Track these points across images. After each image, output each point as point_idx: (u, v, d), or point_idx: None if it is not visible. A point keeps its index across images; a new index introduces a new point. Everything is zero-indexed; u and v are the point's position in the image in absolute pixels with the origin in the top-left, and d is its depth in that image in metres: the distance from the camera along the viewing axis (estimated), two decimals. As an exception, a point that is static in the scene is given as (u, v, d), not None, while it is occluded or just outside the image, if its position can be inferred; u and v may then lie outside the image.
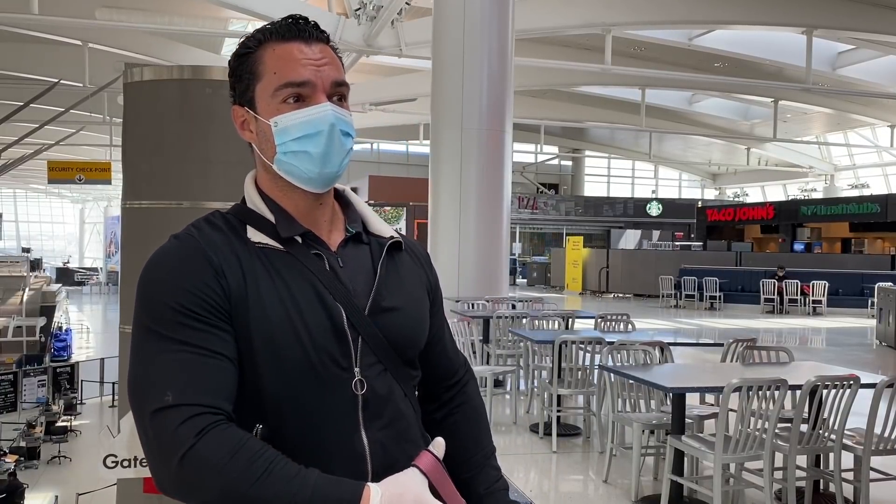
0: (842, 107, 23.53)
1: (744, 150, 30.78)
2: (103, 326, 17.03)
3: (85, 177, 18.81)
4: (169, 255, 1.15)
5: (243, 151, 1.33)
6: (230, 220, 1.22)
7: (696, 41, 17.34)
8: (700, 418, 4.85)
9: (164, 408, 1.04)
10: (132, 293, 1.16)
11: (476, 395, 1.45)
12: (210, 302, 1.10)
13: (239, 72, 1.21)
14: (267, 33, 1.19)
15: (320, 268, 1.19)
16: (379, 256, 1.25)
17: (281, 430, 1.14)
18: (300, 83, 1.17)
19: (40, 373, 8.55)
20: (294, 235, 1.19)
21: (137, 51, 15.47)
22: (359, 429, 1.17)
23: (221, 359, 1.09)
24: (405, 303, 1.26)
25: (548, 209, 32.04)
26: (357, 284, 1.21)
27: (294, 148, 1.17)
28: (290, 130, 1.17)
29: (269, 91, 1.18)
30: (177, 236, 1.18)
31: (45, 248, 40.31)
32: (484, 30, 8.56)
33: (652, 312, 18.38)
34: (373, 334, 1.19)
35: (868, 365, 10.84)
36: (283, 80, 1.17)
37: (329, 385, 1.16)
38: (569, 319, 8.03)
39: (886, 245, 25.75)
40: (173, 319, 1.09)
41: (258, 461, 1.01)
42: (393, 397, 1.22)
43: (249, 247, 1.17)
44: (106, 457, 2.84)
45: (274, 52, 1.18)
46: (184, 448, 1.01)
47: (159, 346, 1.08)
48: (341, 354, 1.16)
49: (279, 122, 1.17)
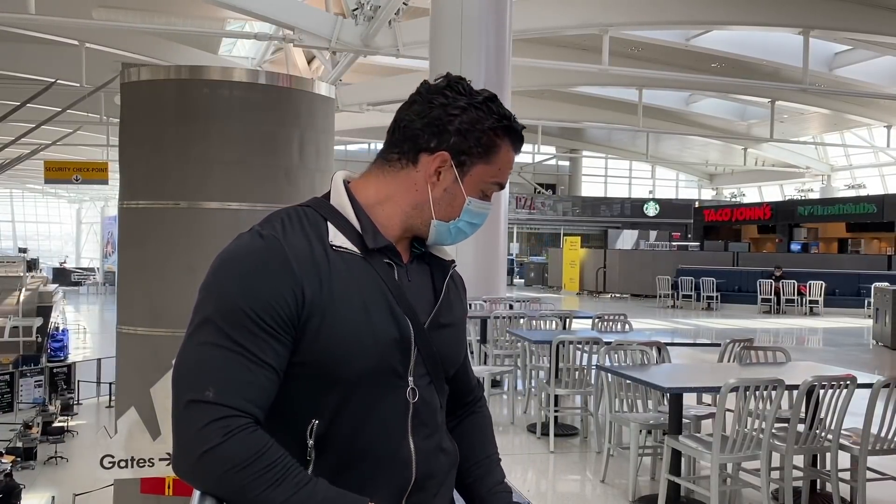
0: (838, 107, 23.55)
1: (741, 150, 30.80)
2: (100, 327, 17.00)
3: (82, 177, 18.78)
4: (253, 256, 1.17)
5: (241, 151, 1.34)
6: (311, 219, 1.24)
7: (693, 41, 17.36)
8: (697, 418, 4.85)
9: (201, 401, 1.09)
10: (129, 293, 1.18)
11: (485, 409, 1.54)
12: (281, 314, 1.14)
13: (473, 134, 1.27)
14: (513, 134, 1.30)
15: (391, 279, 1.24)
16: (440, 276, 1.35)
17: (335, 430, 1.19)
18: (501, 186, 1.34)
19: (37, 373, 8.52)
20: (378, 247, 1.24)
21: (134, 51, 15.43)
22: (407, 436, 1.23)
23: (269, 369, 1.14)
24: (455, 321, 1.36)
25: (545, 209, 32.08)
26: (419, 300, 1.28)
27: (463, 227, 1.32)
28: (471, 213, 1.32)
29: (485, 178, 1.30)
30: (261, 234, 1.19)
31: (41, 249, 40.19)
32: (481, 30, 8.55)
33: (649, 312, 18.39)
34: (428, 348, 1.26)
35: (865, 365, 10.86)
36: (499, 180, 1.32)
37: (387, 392, 1.22)
38: (566, 319, 8.03)
39: (883, 245, 25.80)
40: (240, 322, 1.12)
41: (275, 468, 1.06)
42: (436, 408, 1.29)
43: (328, 251, 1.20)
44: (103, 457, 2.84)
45: (507, 154, 1.31)
46: (208, 445, 1.06)
47: (216, 341, 1.12)
48: (401, 364, 1.22)
49: (472, 203, 1.31)
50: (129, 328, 3.07)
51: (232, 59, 19.04)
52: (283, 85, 3.17)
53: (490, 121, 1.27)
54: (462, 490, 1.43)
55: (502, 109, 1.29)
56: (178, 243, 2.99)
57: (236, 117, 3.02)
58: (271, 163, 3.03)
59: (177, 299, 2.84)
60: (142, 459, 2.85)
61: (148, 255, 3.04)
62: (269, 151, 3.03)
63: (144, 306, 3.02)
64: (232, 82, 3.09)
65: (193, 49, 16.60)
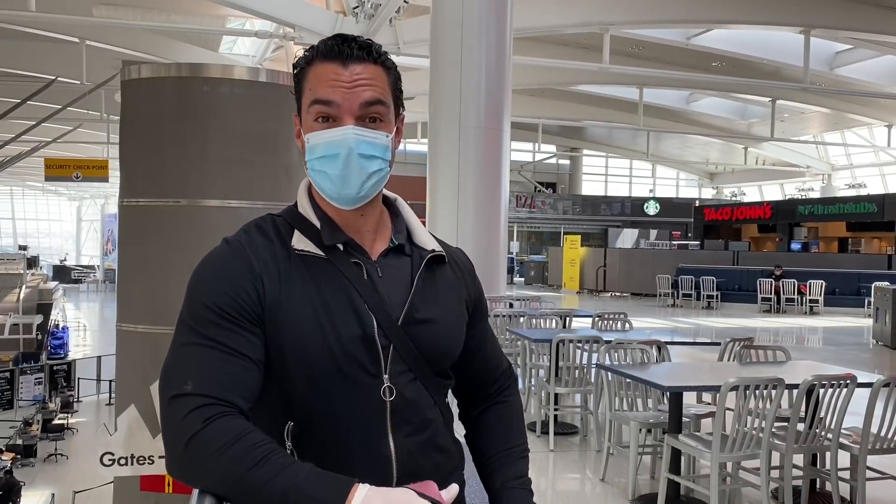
0: (839, 106, 23.55)
1: (741, 149, 30.81)
2: (100, 324, 17.01)
3: (82, 174, 18.79)
4: (216, 259, 1.22)
5: (241, 149, 1.35)
6: (279, 226, 1.26)
7: (694, 40, 17.35)
8: (697, 417, 4.85)
9: (181, 395, 1.10)
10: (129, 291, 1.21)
11: (512, 398, 1.48)
12: (244, 306, 1.17)
13: (296, 85, 1.26)
14: (314, 51, 1.24)
15: (357, 276, 1.23)
16: (418, 268, 1.29)
17: (310, 430, 1.20)
18: (326, 102, 1.21)
19: (37, 371, 8.53)
20: (336, 244, 1.24)
21: (135, 48, 15.43)
22: (386, 434, 1.22)
23: (244, 359, 1.15)
24: (439, 315, 1.29)
25: (545, 208, 32.06)
26: (393, 294, 1.25)
27: (317, 167, 1.23)
28: (316, 149, 1.22)
29: (306, 107, 1.24)
30: (228, 241, 1.24)
31: (41, 246, 40.25)
32: (482, 28, 8.54)
33: (649, 311, 18.40)
34: (404, 344, 1.23)
35: (865, 364, 10.86)
36: (312, 97, 1.22)
37: (357, 390, 1.20)
38: (566, 318, 8.03)
39: (883, 244, 25.80)
40: (207, 318, 1.16)
41: (257, 450, 1.06)
42: (421, 405, 1.26)
43: (291, 254, 1.22)
44: (103, 455, 2.84)
45: (314, 71, 1.23)
46: (190, 433, 1.07)
47: (190, 340, 1.16)
48: (370, 362, 1.21)
49: (310, 139, 1.23)
50: (130, 326, 3.07)
51: (232, 57, 19.04)
52: (284, 83, 3.16)
53: (296, 64, 1.25)
54: (484, 484, 1.42)
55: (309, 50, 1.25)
56: (178, 241, 2.98)
57: (237, 115, 3.01)
58: (272, 161, 3.03)
59: (177, 297, 2.82)
60: (142, 457, 2.85)
61: (148, 252, 3.04)
62: (269, 149, 3.03)
63: (144, 304, 3.02)
64: (232, 80, 3.08)
65: (194, 46, 16.60)
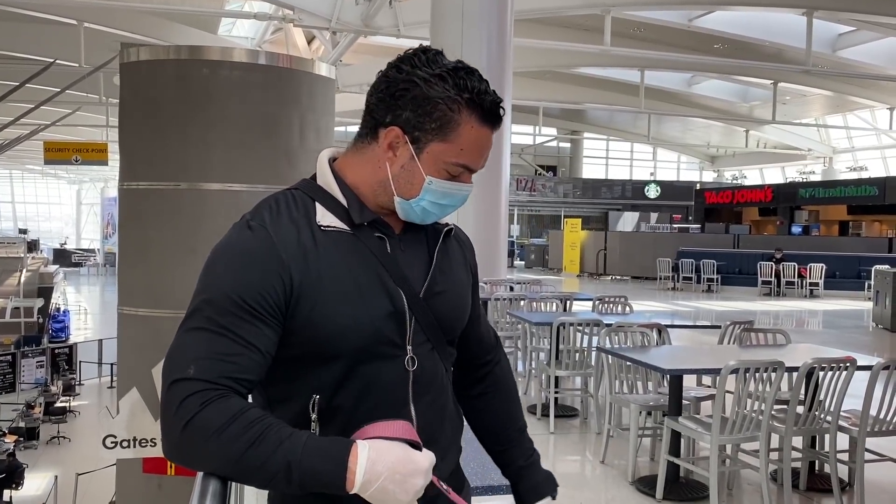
0: (841, 89, 23.43)
1: (742, 132, 30.68)
2: (101, 308, 17.03)
3: (81, 157, 18.74)
4: (241, 244, 1.19)
5: (241, 132, 1.33)
6: (300, 201, 1.25)
7: (696, 22, 17.23)
8: (697, 400, 4.87)
9: (183, 379, 1.10)
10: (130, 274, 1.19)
11: (508, 374, 1.55)
12: (269, 300, 1.16)
13: (422, 106, 1.19)
14: (474, 106, 1.20)
15: (382, 251, 1.25)
16: (434, 243, 1.33)
17: (336, 402, 1.21)
18: (472, 170, 1.25)
19: (39, 354, 8.56)
20: (365, 222, 1.24)
21: (133, 30, 15.31)
22: (408, 403, 1.25)
23: (253, 350, 1.14)
24: (452, 286, 1.34)
25: (546, 191, 32.01)
26: (414, 269, 1.28)
27: (428, 207, 1.25)
28: (435, 193, 1.23)
29: (446, 159, 1.22)
30: (250, 226, 1.21)
31: (41, 230, 40.21)
32: (483, 10, 8.49)
33: (649, 294, 18.42)
34: (426, 316, 1.27)
35: (864, 347, 10.88)
36: (464, 161, 1.23)
37: (385, 363, 1.23)
38: (567, 301, 8.04)
39: (884, 228, 25.77)
40: (227, 309, 1.14)
41: (254, 427, 1.06)
42: (438, 373, 1.31)
43: (316, 231, 1.21)
44: (105, 437, 2.85)
45: (472, 131, 1.21)
46: (188, 417, 1.07)
47: (203, 325, 1.14)
48: (398, 335, 1.24)
49: (433, 183, 1.23)
50: (131, 309, 3.07)
51: (231, 39, 18.92)
52: (283, 65, 3.15)
53: (448, 94, 1.19)
54: (494, 458, 1.50)
55: (470, 82, 1.19)
56: (178, 224, 2.98)
57: (236, 98, 3.00)
58: (272, 144, 3.02)
59: (178, 280, 2.84)
60: (144, 439, 2.87)
61: (148, 236, 3.03)
62: (269, 132, 3.02)
63: (145, 287, 3.01)
64: (232, 62, 3.06)
65: (192, 29, 16.48)
